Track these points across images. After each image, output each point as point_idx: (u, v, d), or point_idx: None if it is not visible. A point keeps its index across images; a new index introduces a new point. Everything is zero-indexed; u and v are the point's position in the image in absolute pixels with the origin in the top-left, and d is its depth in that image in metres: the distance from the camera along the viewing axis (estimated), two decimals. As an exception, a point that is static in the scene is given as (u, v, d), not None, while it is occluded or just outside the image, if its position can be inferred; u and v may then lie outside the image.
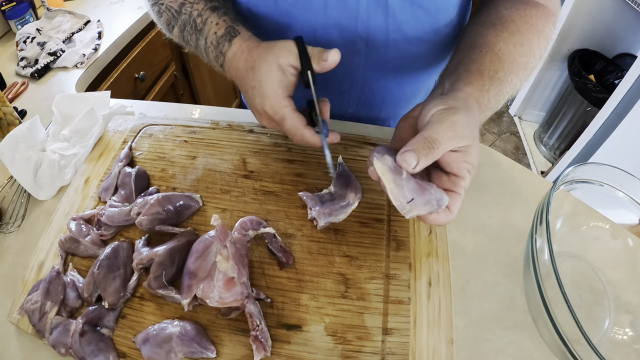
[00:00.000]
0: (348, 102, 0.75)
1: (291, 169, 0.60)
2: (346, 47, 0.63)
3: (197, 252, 0.47)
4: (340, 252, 0.50)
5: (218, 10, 0.57)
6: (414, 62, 0.69)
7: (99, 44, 1.13)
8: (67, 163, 0.69)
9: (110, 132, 0.72)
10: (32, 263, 0.55)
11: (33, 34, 1.18)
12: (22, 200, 0.66)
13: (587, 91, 2.09)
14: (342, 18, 0.60)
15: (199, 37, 0.57)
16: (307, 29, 0.62)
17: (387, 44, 0.63)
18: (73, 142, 0.72)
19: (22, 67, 1.06)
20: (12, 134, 0.70)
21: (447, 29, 0.65)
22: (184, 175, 0.61)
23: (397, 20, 0.60)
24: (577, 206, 0.57)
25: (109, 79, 1.16)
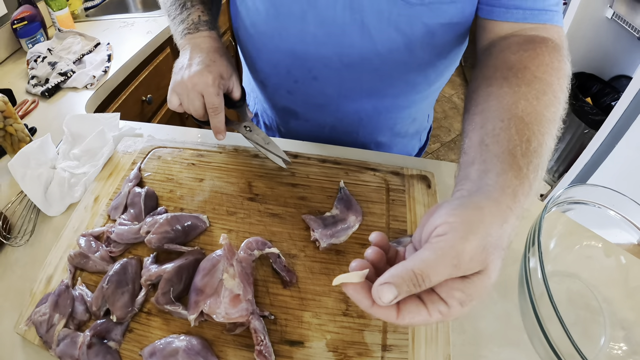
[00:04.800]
0: (324, 119, 0.79)
1: (294, 193, 0.63)
2: (322, 62, 0.68)
3: (204, 270, 0.49)
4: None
5: (205, 5, 0.72)
6: (389, 84, 0.71)
7: (109, 66, 1.17)
8: (77, 181, 0.71)
9: (120, 153, 0.75)
10: (41, 276, 0.56)
11: (44, 53, 1.22)
12: (31, 215, 0.68)
13: (584, 114, 2.14)
14: (318, 33, 0.64)
15: (182, 11, 0.70)
16: (285, 40, 0.68)
17: (362, 63, 0.67)
18: (83, 161, 0.75)
19: (32, 85, 1.10)
20: (23, 150, 0.72)
21: (423, 52, 0.66)
22: (192, 197, 0.64)
23: (372, 40, 0.63)
24: (570, 226, 0.59)
25: (117, 101, 1.20)
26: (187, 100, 0.62)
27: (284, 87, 0.75)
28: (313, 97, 0.74)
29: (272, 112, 0.86)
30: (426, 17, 0.61)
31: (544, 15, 0.56)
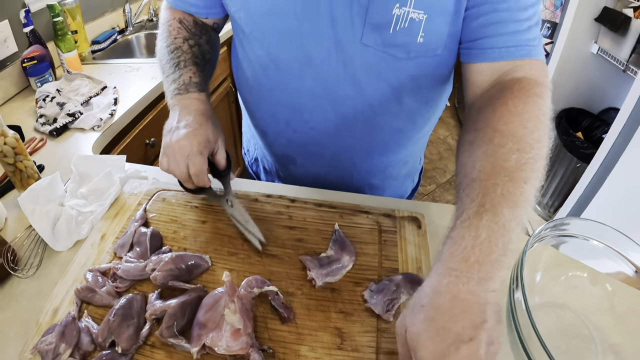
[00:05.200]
0: (321, 165, 0.85)
1: (292, 235, 0.68)
2: (318, 113, 0.75)
3: (207, 306, 0.53)
4: (336, 308, 0.56)
5: (198, 67, 0.76)
6: (381, 132, 0.78)
7: (115, 109, 1.23)
8: (84, 219, 0.75)
9: (126, 194, 0.80)
10: (47, 308, 0.59)
11: (53, 93, 1.28)
12: (38, 249, 0.71)
13: (575, 148, 2.18)
14: (315, 87, 0.71)
15: (175, 71, 0.75)
16: (285, 93, 0.74)
17: (355, 113, 0.74)
18: (90, 200, 0.79)
19: (41, 124, 1.15)
20: (33, 187, 0.77)
21: (410, 101, 0.73)
22: (195, 238, 0.68)
23: (363, 92, 0.71)
24: (555, 258, 0.62)
25: (122, 143, 1.25)
26: (173, 163, 0.66)
27: (284, 136, 0.81)
28: (311, 146, 0.80)
29: (272, 158, 0.91)
30: (411, 69, 0.68)
31: (520, 51, 0.61)
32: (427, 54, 0.65)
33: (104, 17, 2.06)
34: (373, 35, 0.64)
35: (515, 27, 0.60)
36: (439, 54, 0.66)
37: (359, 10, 0.62)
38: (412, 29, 0.62)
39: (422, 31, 0.62)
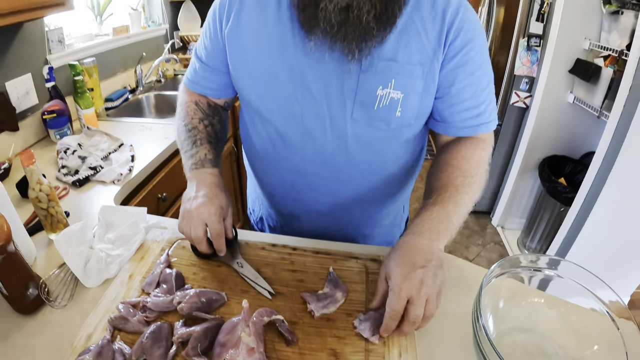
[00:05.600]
0: (321, 218, 0.99)
1: (294, 276, 0.81)
2: (319, 178, 0.91)
3: (226, 330, 0.65)
4: (332, 334, 0.68)
5: (212, 145, 0.92)
6: (371, 191, 0.94)
7: (133, 166, 1.37)
8: (112, 261, 0.86)
9: (149, 241, 0.92)
10: (81, 334, 0.69)
11: (74, 147, 1.42)
12: (70, 285, 0.82)
13: (558, 193, 2.28)
14: (315, 157, 0.88)
15: (192, 147, 0.90)
16: (290, 162, 0.90)
17: (348, 178, 0.91)
18: (117, 245, 0.90)
19: (63, 174, 1.28)
20: (66, 231, 0.88)
21: (392, 165, 0.91)
22: (212, 279, 0.81)
23: (354, 159, 0.88)
24: (513, 287, 0.73)
25: (138, 196, 1.37)
26: (192, 227, 0.78)
27: (290, 197, 0.96)
28: (313, 204, 0.95)
29: (278, 216, 1.05)
30: (392, 138, 0.87)
31: (477, 129, 0.85)
32: (404, 124, 0.84)
33: (117, 77, 2.26)
34: (361, 111, 0.81)
35: (475, 112, 0.83)
36: (412, 123, 0.85)
37: (349, 93, 0.80)
38: (392, 105, 0.80)
39: (399, 107, 0.81)
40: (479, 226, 3.01)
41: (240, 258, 0.84)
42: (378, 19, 0.73)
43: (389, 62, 0.78)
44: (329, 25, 0.73)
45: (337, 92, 0.80)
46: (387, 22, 0.74)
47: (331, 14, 0.72)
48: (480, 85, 0.82)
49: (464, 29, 0.78)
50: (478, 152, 0.84)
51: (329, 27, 0.73)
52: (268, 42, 0.81)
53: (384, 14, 0.73)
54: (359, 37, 0.74)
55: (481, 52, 0.81)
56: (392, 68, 0.78)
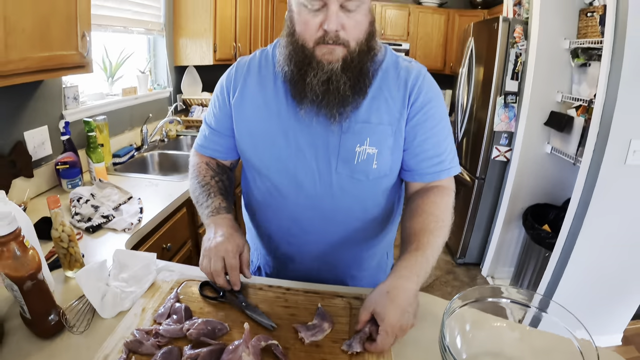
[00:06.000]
0: (313, 259, 1.11)
1: (287, 311, 0.93)
2: (311, 222, 1.05)
3: (229, 351, 0.77)
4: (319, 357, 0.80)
5: (224, 196, 1.06)
6: (355, 233, 1.08)
7: (141, 217, 1.50)
8: (126, 296, 0.97)
9: (160, 281, 1.04)
10: (99, 355, 0.79)
11: (87, 196, 1.56)
12: (87, 315, 0.93)
13: (542, 240, 2.36)
14: (307, 204, 1.03)
15: (207, 199, 1.04)
16: (287, 210, 1.05)
17: (335, 221, 1.05)
18: (130, 283, 1.01)
19: (77, 220, 1.41)
20: (86, 268, 0.99)
21: (373, 210, 1.06)
22: (216, 312, 0.93)
23: (339, 206, 1.03)
24: (475, 315, 0.84)
25: (145, 244, 1.49)
26: (213, 262, 0.90)
27: (285, 239, 1.11)
28: (305, 246, 1.10)
29: (274, 261, 1.18)
30: (372, 187, 1.03)
31: (440, 175, 1.01)
32: (380, 175, 1.01)
33: (124, 134, 2.44)
34: (343, 166, 1.00)
35: (437, 160, 1.01)
36: (388, 174, 1.03)
37: (333, 151, 0.99)
38: (369, 160, 0.99)
39: (375, 160, 0.99)
40: (469, 277, 3.10)
41: (246, 300, 0.96)
42: (353, 89, 0.93)
43: (364, 124, 0.97)
44: (314, 95, 0.93)
45: (324, 151, 0.99)
46: (359, 91, 0.94)
47: (315, 86, 0.92)
48: (441, 137, 1.01)
49: (422, 92, 0.98)
50: (445, 198, 0.99)
51: (314, 97, 0.93)
52: (267, 112, 1.01)
53: (357, 84, 0.93)
54: (338, 104, 0.93)
55: (439, 110, 1.01)
56: (367, 129, 0.97)
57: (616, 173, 1.88)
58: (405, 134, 1.00)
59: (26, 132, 1.72)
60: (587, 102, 2.21)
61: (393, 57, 1.03)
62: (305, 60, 0.92)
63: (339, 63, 0.91)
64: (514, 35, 2.56)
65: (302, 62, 0.92)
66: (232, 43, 3.34)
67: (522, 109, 2.60)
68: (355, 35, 0.90)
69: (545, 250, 2.38)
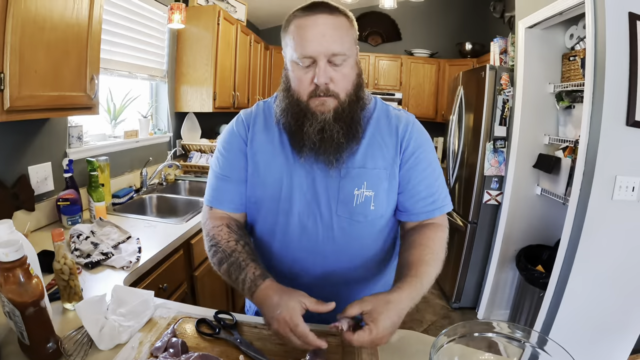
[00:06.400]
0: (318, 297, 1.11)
1: (282, 348, 0.95)
2: (312, 263, 1.09)
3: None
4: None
5: (255, 262, 0.98)
6: (355, 272, 1.11)
7: (140, 256, 1.52)
8: (124, 330, 0.98)
9: (157, 317, 1.06)
10: None
11: (87, 233, 1.58)
12: (85, 347, 0.94)
13: (535, 280, 2.36)
14: (309, 245, 1.07)
15: (240, 272, 0.95)
16: (291, 251, 1.09)
17: (336, 261, 1.09)
18: (128, 317, 1.02)
19: (76, 256, 1.43)
20: (87, 301, 1.02)
21: (372, 249, 1.11)
22: (212, 348, 0.94)
23: (339, 246, 1.08)
24: (463, 350, 0.87)
25: (142, 283, 1.50)
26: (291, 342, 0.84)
27: (287, 281, 1.09)
28: (306, 287, 1.07)
29: None
30: (369, 228, 1.08)
31: (434, 212, 1.08)
32: (377, 215, 1.07)
33: (124, 176, 2.49)
34: (343, 208, 1.05)
35: (431, 199, 1.08)
36: (384, 214, 1.09)
37: (333, 195, 1.05)
38: (366, 202, 1.05)
39: (372, 202, 1.06)
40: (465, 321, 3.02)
41: (237, 333, 0.98)
42: (346, 136, 1.00)
43: (360, 169, 1.04)
44: (312, 143, 1.00)
45: (325, 195, 1.06)
46: (353, 138, 1.02)
47: (312, 135, 0.99)
48: (432, 178, 1.08)
49: (413, 139, 1.07)
50: (439, 233, 1.06)
51: (312, 145, 1.01)
52: (274, 158, 1.08)
53: (349, 132, 1.01)
54: (334, 151, 1.00)
55: (429, 154, 1.09)
56: (363, 173, 1.04)
57: (604, 209, 1.92)
58: (399, 178, 1.08)
59: (30, 166, 1.77)
60: (574, 143, 2.29)
61: (384, 106, 1.13)
62: (301, 113, 1.00)
63: (331, 113, 0.99)
64: (500, 83, 2.69)
65: (298, 114, 1.01)
66: (231, 92, 3.47)
67: (511, 153, 2.69)
68: (344, 86, 1.00)
69: (540, 290, 2.39)
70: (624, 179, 1.86)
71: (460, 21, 4.94)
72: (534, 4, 2.39)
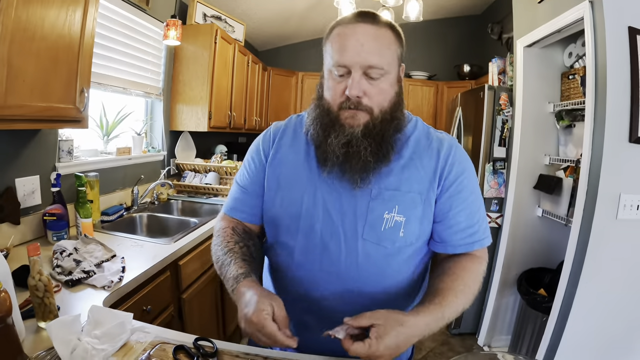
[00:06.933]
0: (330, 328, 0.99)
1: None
2: (328, 289, 1.00)
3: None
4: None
5: (245, 261, 0.97)
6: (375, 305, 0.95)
7: (123, 276, 1.44)
8: (97, 353, 0.90)
9: (133, 341, 0.98)
10: None
11: (70, 250, 1.51)
12: (56, 371, 0.87)
13: (538, 304, 2.27)
14: (331, 269, 0.99)
15: (228, 269, 0.96)
16: (307, 270, 1.01)
17: (358, 289, 0.99)
18: (102, 340, 0.95)
19: (57, 272, 1.37)
20: (59, 320, 0.95)
21: (398, 282, 1.01)
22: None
23: (362, 272, 0.98)
24: None
25: (125, 304, 1.42)
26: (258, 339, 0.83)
27: (300, 305, 1.03)
28: (323, 311, 1.02)
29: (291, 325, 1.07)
30: (396, 255, 0.99)
31: (472, 246, 1.00)
32: (407, 243, 0.98)
33: (115, 193, 2.43)
34: (370, 232, 0.97)
35: (470, 232, 1.00)
36: (414, 243, 1.00)
37: (361, 216, 0.97)
38: (396, 227, 0.97)
39: (402, 228, 0.97)
40: (465, 348, 2.93)
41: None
42: (374, 155, 0.94)
43: (394, 192, 0.97)
44: (335, 157, 0.95)
45: (352, 215, 0.98)
46: (382, 158, 0.95)
47: (335, 147, 0.94)
48: (474, 208, 1.01)
49: (456, 164, 1.00)
50: (476, 265, 0.99)
51: (335, 159, 0.95)
52: (297, 172, 1.03)
53: (379, 151, 0.94)
54: (360, 169, 0.94)
55: (472, 181, 1.02)
56: (396, 196, 0.97)
57: (608, 229, 1.86)
58: (439, 205, 1.00)
59: (17, 179, 1.72)
60: (575, 162, 2.25)
61: (425, 128, 1.06)
62: (330, 123, 0.96)
63: (360, 128, 0.94)
64: (499, 103, 2.65)
65: (327, 124, 0.96)
66: (227, 112, 3.44)
67: (511, 175, 2.63)
68: (379, 102, 0.94)
69: (542, 314, 2.30)
70: (629, 197, 1.81)
71: (458, 43, 4.97)
72: (532, 22, 2.38)
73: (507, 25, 3.58)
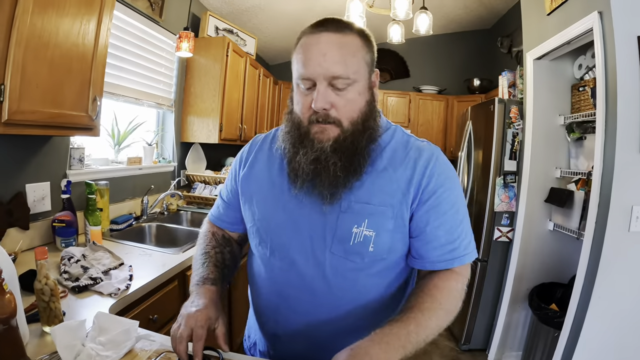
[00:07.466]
0: (301, 341, 1.01)
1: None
2: (297, 300, 0.98)
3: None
4: None
5: (215, 267, 1.03)
6: (346, 314, 0.97)
7: (130, 284, 1.44)
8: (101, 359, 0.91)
9: (137, 349, 0.98)
10: None
11: (78, 256, 1.52)
12: (59, 376, 0.86)
13: (549, 319, 2.21)
14: (297, 282, 0.97)
15: (200, 268, 1.03)
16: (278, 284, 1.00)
17: (325, 301, 0.96)
18: (107, 347, 0.95)
19: (64, 278, 1.37)
20: (64, 324, 0.95)
21: (368, 296, 0.97)
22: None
23: (331, 286, 0.95)
24: None
25: (131, 312, 1.41)
26: (180, 329, 0.85)
27: (274, 312, 1.04)
28: (293, 325, 1.02)
29: (265, 339, 1.09)
30: (366, 270, 0.95)
31: (452, 263, 0.94)
32: (376, 258, 0.94)
33: (125, 203, 2.45)
34: (338, 246, 0.94)
35: (449, 248, 0.94)
36: (385, 257, 0.95)
37: (330, 230, 0.94)
38: (365, 242, 0.92)
39: (372, 243, 0.92)
40: None
41: None
42: (345, 170, 0.90)
43: (364, 205, 0.92)
44: (304, 173, 0.92)
45: (320, 229, 0.95)
46: (353, 172, 0.91)
47: (304, 164, 0.91)
48: (454, 223, 0.94)
49: (435, 175, 0.93)
50: (449, 282, 0.92)
51: (304, 175, 0.92)
52: (271, 187, 1.02)
53: (350, 165, 0.91)
54: (330, 185, 0.91)
55: (453, 194, 0.95)
56: (367, 210, 0.92)
57: (621, 241, 1.81)
58: (416, 219, 0.94)
59: (28, 184, 1.74)
60: (586, 175, 2.22)
61: (404, 136, 1.01)
62: (299, 139, 0.93)
63: (330, 142, 0.90)
64: (510, 116, 2.63)
65: (296, 139, 0.94)
66: (238, 124, 3.46)
67: (522, 188, 2.60)
68: (347, 113, 0.90)
69: (554, 330, 2.23)
70: (642, 209, 1.77)
71: (468, 58, 4.97)
72: (541, 34, 2.37)
73: (516, 38, 3.59)
